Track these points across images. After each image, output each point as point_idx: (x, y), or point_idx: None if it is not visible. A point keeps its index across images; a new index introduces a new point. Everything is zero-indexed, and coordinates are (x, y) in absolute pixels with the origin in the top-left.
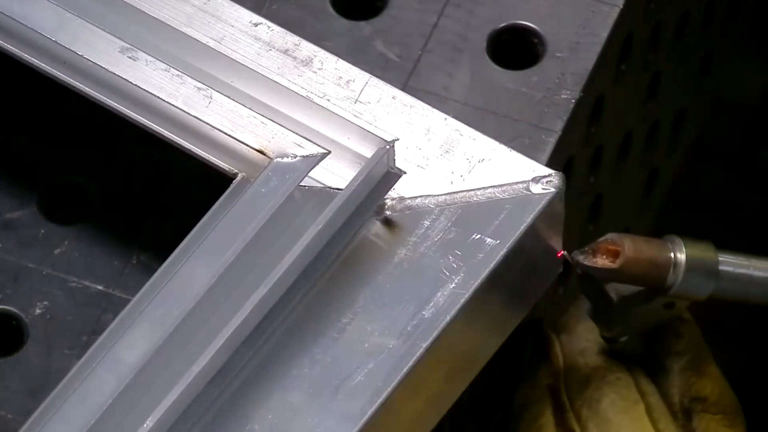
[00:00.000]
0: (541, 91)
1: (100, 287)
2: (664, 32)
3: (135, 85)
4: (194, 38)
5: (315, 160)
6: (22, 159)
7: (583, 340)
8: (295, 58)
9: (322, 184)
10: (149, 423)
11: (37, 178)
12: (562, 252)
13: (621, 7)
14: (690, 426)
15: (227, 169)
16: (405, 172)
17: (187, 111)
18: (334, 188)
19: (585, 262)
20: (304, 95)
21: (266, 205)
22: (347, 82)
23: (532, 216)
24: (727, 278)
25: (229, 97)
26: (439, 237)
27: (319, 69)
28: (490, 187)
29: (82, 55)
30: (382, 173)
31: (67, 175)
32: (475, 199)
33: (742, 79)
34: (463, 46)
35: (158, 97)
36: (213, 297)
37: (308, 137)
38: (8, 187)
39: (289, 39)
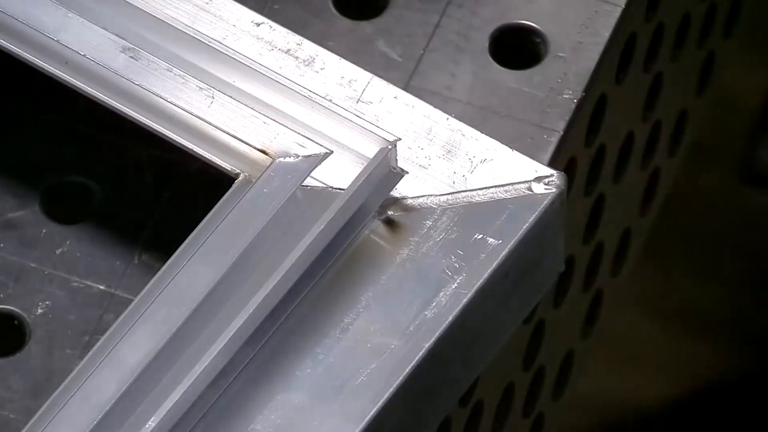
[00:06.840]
0: (544, 90)
1: (101, 287)
2: (665, 33)
3: (137, 84)
4: (196, 38)
5: (317, 160)
6: (23, 158)
7: None
8: (297, 57)
9: (325, 184)
10: (151, 423)
11: (39, 178)
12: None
13: (623, 6)
14: None
15: (229, 169)
16: (407, 172)
17: (189, 111)
18: (336, 188)
19: None
20: (306, 95)
21: (268, 205)
22: (349, 81)
23: (534, 216)
24: None
25: (231, 97)
26: (441, 237)
27: (321, 69)
28: (492, 187)
29: (83, 55)
30: (384, 173)
31: (68, 175)
32: (477, 199)
33: (742, 80)
34: (466, 45)
35: (160, 97)
36: (215, 297)
37: (310, 137)
38: (10, 187)
39: (291, 39)
